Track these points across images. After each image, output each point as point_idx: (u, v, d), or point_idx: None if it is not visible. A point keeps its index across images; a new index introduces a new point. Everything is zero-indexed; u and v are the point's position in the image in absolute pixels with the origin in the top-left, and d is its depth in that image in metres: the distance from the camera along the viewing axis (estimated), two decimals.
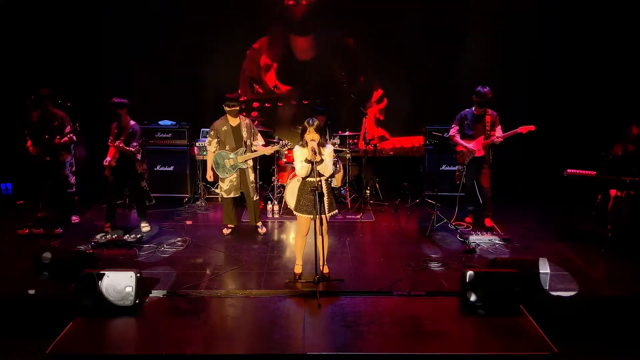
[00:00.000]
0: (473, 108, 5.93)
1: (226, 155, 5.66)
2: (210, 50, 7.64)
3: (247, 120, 5.77)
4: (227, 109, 5.57)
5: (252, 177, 5.84)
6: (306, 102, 7.82)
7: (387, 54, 7.68)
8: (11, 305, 4.27)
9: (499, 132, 5.84)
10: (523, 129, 5.63)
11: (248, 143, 5.70)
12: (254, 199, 5.86)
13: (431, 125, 7.18)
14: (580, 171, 5.55)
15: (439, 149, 6.75)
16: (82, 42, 7.30)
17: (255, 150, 5.72)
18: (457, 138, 6.02)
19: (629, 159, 5.41)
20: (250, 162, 5.81)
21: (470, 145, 5.90)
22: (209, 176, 5.80)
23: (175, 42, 7.56)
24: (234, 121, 5.67)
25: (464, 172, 6.03)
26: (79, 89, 7.03)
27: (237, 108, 5.59)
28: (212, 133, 5.68)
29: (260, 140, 5.78)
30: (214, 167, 5.72)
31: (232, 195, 5.79)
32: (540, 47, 7.38)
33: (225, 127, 5.66)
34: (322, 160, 4.33)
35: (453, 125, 6.08)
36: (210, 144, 5.70)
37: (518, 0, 7.36)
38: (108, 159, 5.60)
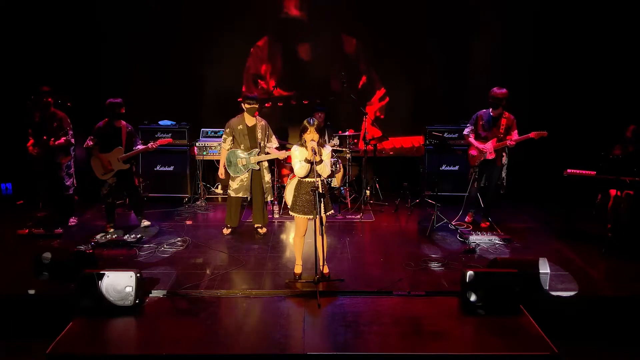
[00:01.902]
0: (490, 110, 5.89)
1: (240, 154, 5.65)
2: (210, 50, 7.64)
3: (263, 122, 5.75)
4: (246, 106, 5.56)
5: (267, 177, 5.81)
6: (306, 102, 7.83)
7: (387, 54, 7.68)
8: (11, 305, 4.27)
9: (514, 136, 5.78)
10: (535, 135, 5.61)
11: (262, 144, 5.69)
12: (268, 200, 5.86)
13: (431, 125, 7.18)
14: (580, 171, 5.55)
15: (439, 149, 6.75)
16: (81, 42, 7.30)
17: (268, 153, 5.71)
18: (471, 138, 6.00)
19: (629, 159, 5.41)
20: (266, 163, 5.79)
21: (482, 146, 5.89)
22: (221, 173, 5.79)
23: (176, 41, 7.57)
24: (250, 121, 5.66)
25: (475, 175, 6.01)
26: (79, 89, 7.04)
27: (256, 106, 5.59)
28: (227, 131, 5.67)
29: (274, 143, 5.75)
30: (226, 165, 5.71)
31: (240, 195, 5.76)
32: (540, 47, 7.38)
33: (241, 126, 5.65)
34: (321, 161, 4.33)
35: (468, 125, 6.06)
36: (225, 142, 5.68)
37: (519, 1, 7.36)
38: (116, 164, 5.67)
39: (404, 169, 7.88)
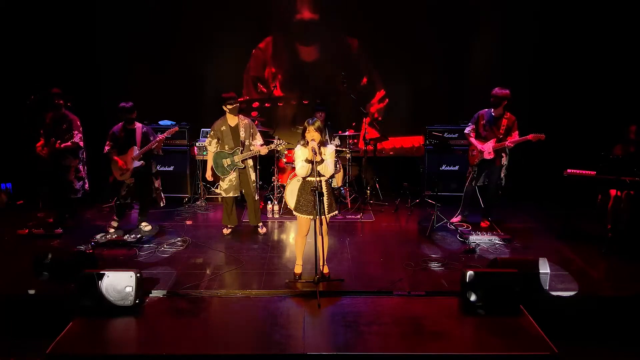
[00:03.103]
0: (492, 110, 5.88)
1: (224, 154, 5.68)
2: (211, 50, 7.64)
3: (247, 120, 5.78)
4: (228, 107, 5.58)
5: (253, 176, 5.86)
6: (306, 102, 7.83)
7: (387, 54, 7.69)
8: (11, 305, 4.27)
9: (515, 137, 5.76)
10: (533, 137, 5.60)
11: (247, 143, 5.70)
12: (256, 199, 5.87)
13: (431, 125, 7.19)
14: (580, 171, 5.55)
15: (439, 149, 6.75)
16: (81, 42, 7.31)
17: (251, 150, 5.73)
18: (472, 138, 5.99)
19: (629, 159, 5.41)
20: (250, 162, 5.82)
21: (481, 146, 5.89)
22: (209, 175, 5.80)
23: (176, 41, 7.57)
24: (232, 121, 5.68)
25: (474, 174, 6.01)
26: (79, 89, 7.03)
27: (237, 105, 5.60)
28: (211, 133, 5.71)
29: (258, 140, 5.78)
30: (213, 166, 5.73)
31: (231, 194, 5.79)
32: (540, 46, 7.38)
33: (224, 127, 5.68)
34: (322, 160, 4.33)
35: (469, 124, 6.06)
36: (210, 144, 5.72)
37: (519, 1, 7.36)
38: (130, 163, 5.68)
39: (404, 169, 7.89)
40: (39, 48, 7.18)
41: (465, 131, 6.09)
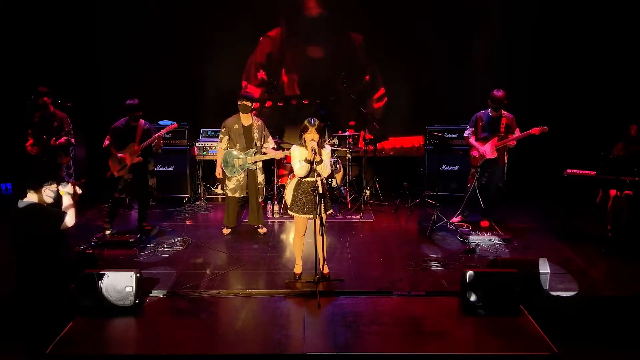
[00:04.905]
0: (489, 110, 5.89)
1: (236, 154, 5.65)
2: (211, 50, 7.63)
3: (260, 122, 5.75)
4: (238, 102, 5.55)
5: (260, 178, 5.82)
6: (306, 102, 7.82)
7: (388, 53, 7.68)
8: (11, 305, 4.26)
9: (516, 133, 5.76)
10: (536, 131, 5.59)
11: (258, 144, 5.68)
12: (260, 200, 5.85)
13: (431, 125, 7.18)
14: (580, 171, 5.55)
15: (439, 149, 6.75)
16: (82, 42, 7.30)
17: (265, 153, 5.71)
18: (472, 140, 5.99)
19: (628, 159, 5.41)
20: (260, 164, 5.80)
21: (483, 147, 5.88)
22: (218, 173, 5.80)
23: (176, 41, 7.56)
24: (246, 120, 5.66)
25: (476, 175, 6.00)
26: (79, 89, 7.04)
27: (248, 104, 5.56)
28: (223, 130, 5.67)
29: (270, 143, 5.76)
30: (222, 165, 5.71)
31: (237, 194, 5.77)
32: (540, 45, 7.38)
33: (236, 126, 5.65)
34: (322, 161, 4.33)
35: (468, 127, 6.05)
36: (221, 141, 5.68)
37: (519, 0, 7.36)
38: (129, 158, 5.64)
39: (404, 169, 7.87)
40: (39, 48, 7.17)
41: (465, 134, 6.09)
